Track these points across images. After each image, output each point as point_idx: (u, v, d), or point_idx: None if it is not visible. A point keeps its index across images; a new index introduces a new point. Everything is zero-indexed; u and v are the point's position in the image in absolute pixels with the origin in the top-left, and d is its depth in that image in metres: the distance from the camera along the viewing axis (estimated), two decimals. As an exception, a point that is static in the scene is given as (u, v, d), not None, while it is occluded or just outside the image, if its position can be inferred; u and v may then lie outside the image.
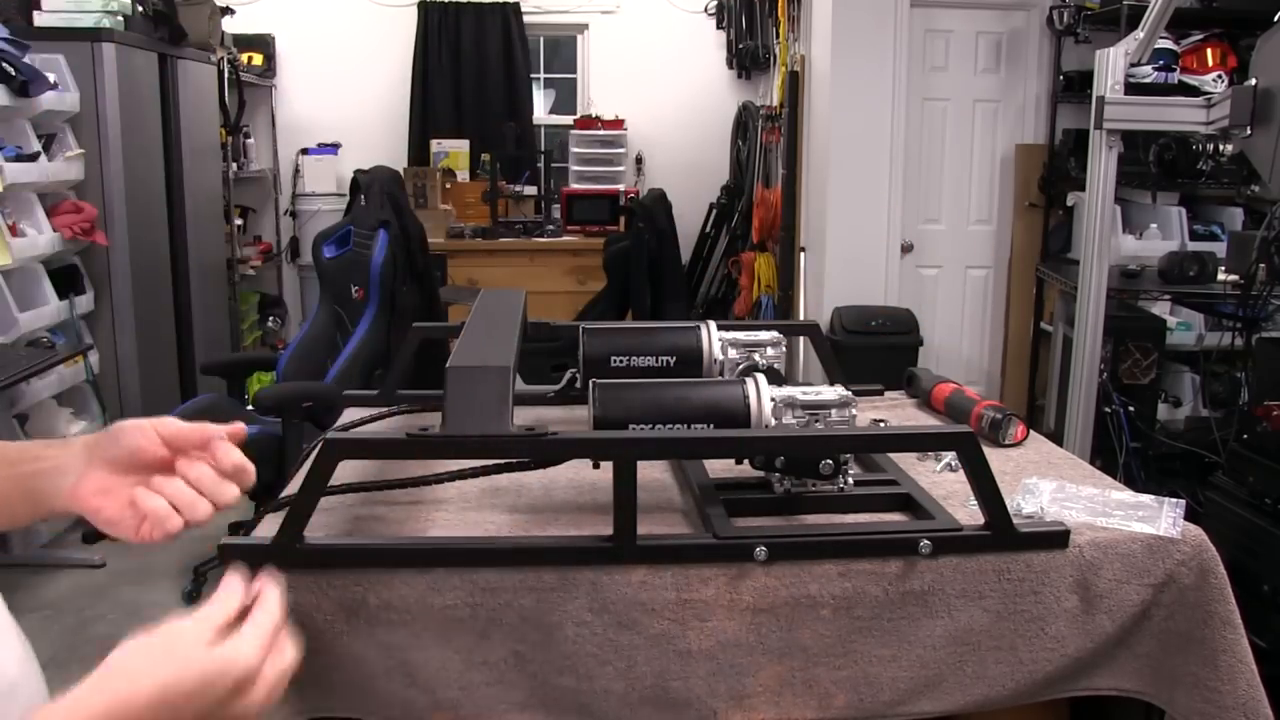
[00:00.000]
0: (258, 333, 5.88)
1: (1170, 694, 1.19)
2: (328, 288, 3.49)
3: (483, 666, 1.07)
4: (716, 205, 6.11)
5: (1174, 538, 1.18)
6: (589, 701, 1.09)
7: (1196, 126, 2.70)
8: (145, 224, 4.05)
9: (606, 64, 6.35)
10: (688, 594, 1.09)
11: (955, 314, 4.86)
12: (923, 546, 1.12)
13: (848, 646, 1.12)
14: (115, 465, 0.83)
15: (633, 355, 1.45)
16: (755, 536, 1.12)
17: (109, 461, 0.83)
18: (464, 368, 1.09)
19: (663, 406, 1.20)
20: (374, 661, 1.06)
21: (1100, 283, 2.82)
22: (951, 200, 4.76)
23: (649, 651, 1.08)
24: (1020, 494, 1.24)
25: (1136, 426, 3.45)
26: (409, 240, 3.45)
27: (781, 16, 5.06)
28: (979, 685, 1.15)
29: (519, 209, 6.15)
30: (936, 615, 1.13)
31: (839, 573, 1.11)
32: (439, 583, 1.07)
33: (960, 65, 4.63)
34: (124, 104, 3.80)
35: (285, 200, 6.27)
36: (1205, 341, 3.86)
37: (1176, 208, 4.29)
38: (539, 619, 1.07)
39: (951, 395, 1.62)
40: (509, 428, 1.06)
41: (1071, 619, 1.16)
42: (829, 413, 1.20)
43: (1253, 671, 1.16)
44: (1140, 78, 3.79)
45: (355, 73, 6.15)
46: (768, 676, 1.11)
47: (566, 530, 1.16)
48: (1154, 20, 2.63)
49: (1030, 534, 1.15)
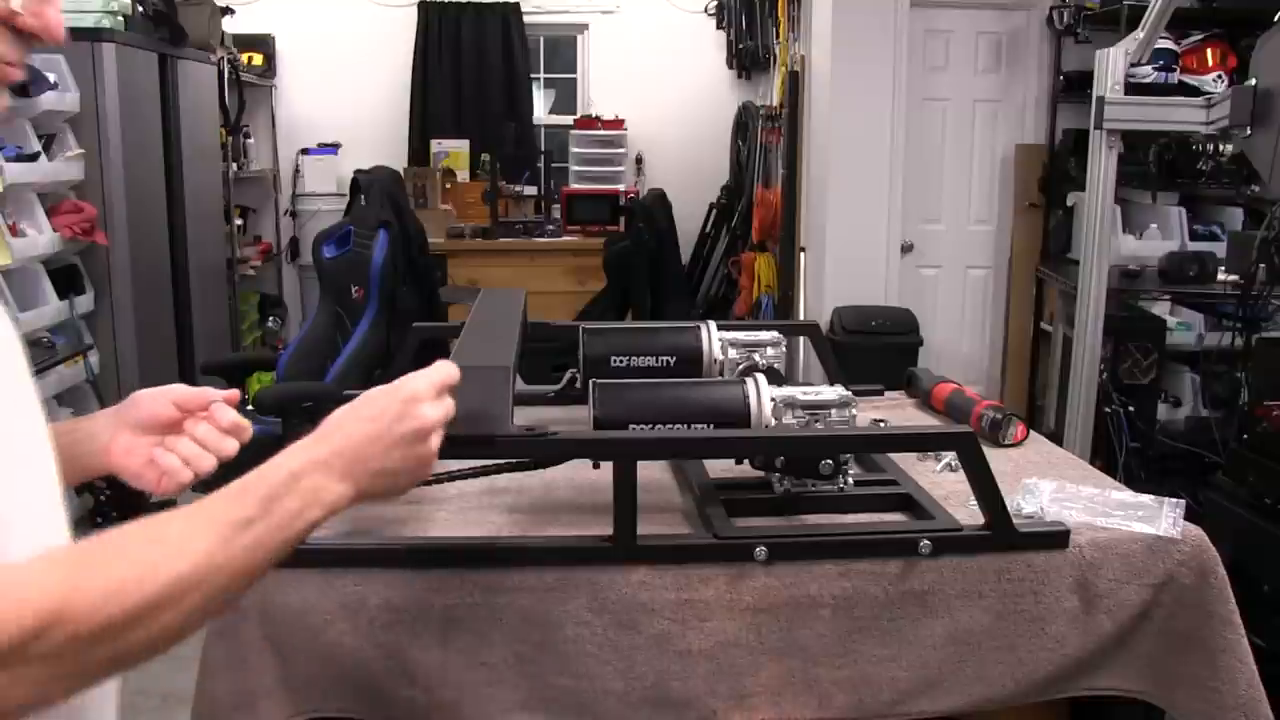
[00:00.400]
0: (258, 333, 5.88)
1: (1170, 694, 1.19)
2: (328, 288, 3.49)
3: (482, 666, 1.07)
4: (716, 205, 6.11)
5: (1174, 538, 1.18)
6: (589, 701, 1.09)
7: (1196, 126, 2.70)
8: (145, 224, 4.05)
9: (606, 64, 6.35)
10: (688, 594, 1.09)
11: (955, 314, 4.86)
12: (923, 546, 1.12)
13: (847, 646, 1.12)
14: (137, 428, 0.98)
15: (633, 355, 1.45)
16: (755, 536, 1.12)
17: (131, 425, 0.98)
18: (464, 367, 1.09)
19: (663, 406, 1.20)
20: (373, 661, 1.06)
21: (1100, 283, 2.82)
22: (951, 200, 4.75)
23: (649, 651, 1.08)
24: (1020, 494, 1.24)
25: (1136, 426, 3.45)
26: (409, 240, 3.46)
27: (781, 16, 5.06)
28: (979, 685, 1.15)
29: (519, 209, 6.15)
30: (936, 615, 1.13)
31: (839, 573, 1.11)
32: (439, 583, 1.07)
33: (960, 65, 4.63)
34: (124, 104, 3.80)
35: (285, 200, 6.27)
36: (1205, 341, 3.86)
37: (1176, 208, 4.29)
38: (539, 619, 1.07)
39: (951, 395, 1.62)
40: (509, 427, 1.06)
41: (1071, 619, 1.15)
42: (829, 413, 1.20)
43: (1253, 671, 1.16)
44: (1140, 78, 3.79)
45: (355, 73, 6.15)
46: (768, 676, 1.11)
47: (567, 530, 1.16)
48: (1154, 20, 2.63)
49: (1030, 534, 1.15)
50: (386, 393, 0.88)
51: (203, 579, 0.74)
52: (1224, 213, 4.43)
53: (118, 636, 0.70)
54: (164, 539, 0.76)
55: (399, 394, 0.88)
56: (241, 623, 1.04)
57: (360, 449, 0.85)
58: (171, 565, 0.74)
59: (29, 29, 0.80)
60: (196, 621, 0.76)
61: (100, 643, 0.69)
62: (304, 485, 0.81)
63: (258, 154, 5.95)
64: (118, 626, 0.69)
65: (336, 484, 0.83)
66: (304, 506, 0.81)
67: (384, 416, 0.86)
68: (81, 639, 0.67)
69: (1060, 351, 3.93)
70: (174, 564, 0.74)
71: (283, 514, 0.79)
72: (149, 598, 0.71)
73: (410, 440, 0.86)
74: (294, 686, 1.06)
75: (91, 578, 0.70)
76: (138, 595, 0.71)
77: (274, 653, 1.05)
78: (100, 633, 0.68)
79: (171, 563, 0.74)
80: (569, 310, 5.12)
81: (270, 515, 0.79)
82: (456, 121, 6.19)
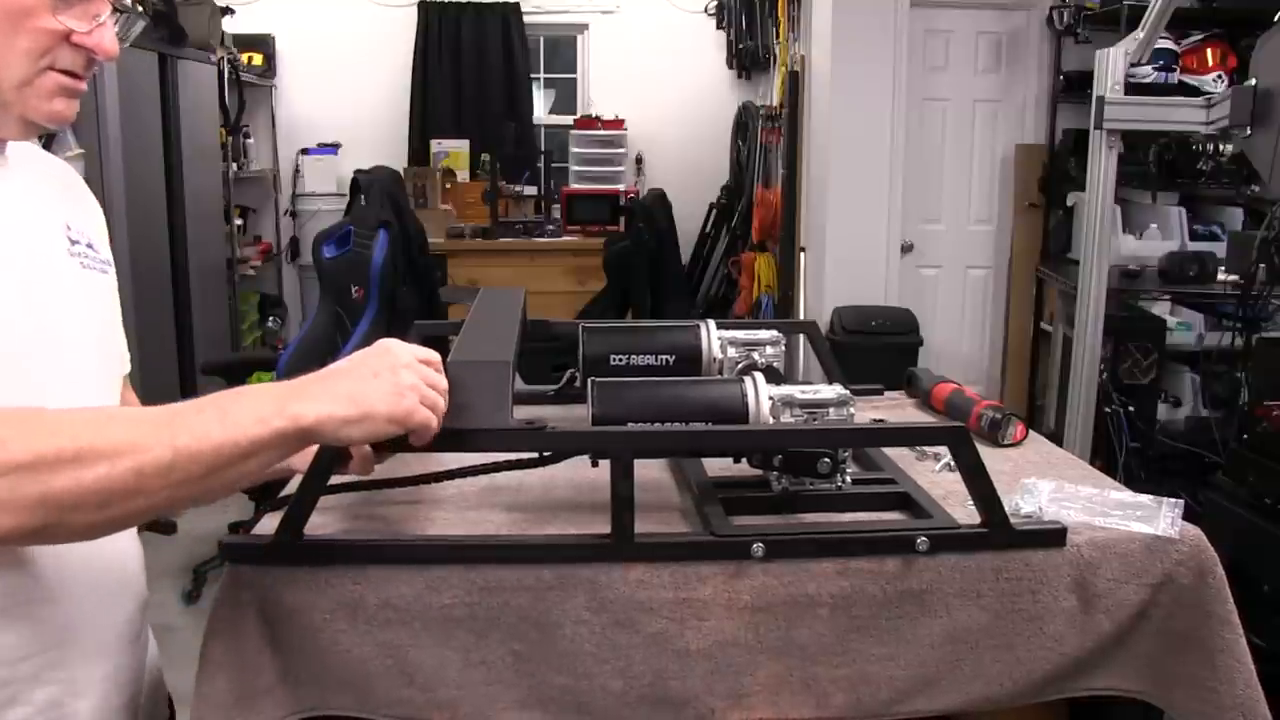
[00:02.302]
0: (258, 333, 5.89)
1: (1168, 694, 1.19)
2: (328, 288, 3.49)
3: (481, 665, 1.07)
4: (716, 205, 6.11)
5: (1173, 538, 1.17)
6: (587, 700, 1.09)
7: (1196, 126, 2.70)
8: (145, 224, 4.05)
9: (606, 64, 6.36)
10: (685, 592, 1.09)
11: (955, 314, 4.87)
12: (920, 544, 1.12)
13: (845, 645, 1.12)
14: None
15: (632, 354, 1.45)
16: (753, 534, 1.12)
17: None
18: (464, 362, 1.09)
19: (661, 404, 1.20)
20: (372, 660, 1.06)
21: (1100, 283, 2.83)
22: (951, 200, 4.76)
23: (647, 650, 1.08)
24: (1019, 493, 1.24)
25: (1136, 426, 3.46)
26: (409, 240, 3.46)
27: (781, 16, 5.07)
28: (977, 684, 1.15)
29: (519, 209, 6.16)
30: (934, 614, 1.13)
31: (837, 571, 1.11)
32: (438, 581, 1.07)
33: (960, 65, 4.64)
34: (124, 104, 3.80)
35: (285, 200, 6.28)
36: (1205, 341, 3.86)
37: (1176, 208, 4.29)
38: (537, 618, 1.07)
39: (951, 395, 1.62)
40: (509, 421, 1.06)
41: (1069, 618, 1.15)
42: (827, 411, 1.20)
43: (1251, 672, 1.16)
44: (1140, 78, 3.79)
45: (355, 73, 6.15)
46: (765, 675, 1.11)
47: (565, 529, 1.16)
48: (1154, 20, 2.63)
49: (1026, 532, 1.15)
50: (379, 353, 0.95)
51: (141, 447, 0.81)
52: (1224, 213, 4.44)
53: (47, 473, 0.77)
54: (115, 414, 0.89)
55: (375, 346, 0.95)
56: (240, 621, 1.04)
57: (328, 378, 0.91)
58: (113, 426, 0.83)
59: (85, 45, 0.92)
60: (132, 489, 0.82)
61: (30, 474, 0.77)
62: (262, 396, 0.87)
63: (258, 154, 5.96)
64: (48, 462, 0.77)
65: (298, 402, 0.87)
66: (263, 413, 0.85)
67: (357, 358, 0.94)
68: (11, 467, 0.76)
69: (1060, 351, 3.93)
70: (115, 426, 0.83)
71: (237, 413, 0.85)
72: (81, 444, 0.79)
73: (382, 368, 0.92)
74: (293, 685, 1.06)
75: (38, 418, 0.80)
76: (69, 439, 0.79)
77: (273, 651, 1.05)
78: (31, 464, 0.77)
79: (113, 425, 0.83)
80: (569, 310, 5.12)
81: (226, 413, 0.85)
82: (456, 121, 6.19)
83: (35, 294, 0.95)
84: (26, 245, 0.97)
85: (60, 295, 0.99)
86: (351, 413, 0.88)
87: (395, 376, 0.92)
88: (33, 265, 0.96)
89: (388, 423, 0.90)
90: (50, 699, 0.94)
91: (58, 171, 1.11)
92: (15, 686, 0.91)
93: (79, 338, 1.00)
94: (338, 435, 0.89)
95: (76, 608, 0.96)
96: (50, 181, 1.07)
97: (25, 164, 1.03)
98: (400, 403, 0.91)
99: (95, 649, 0.99)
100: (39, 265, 0.97)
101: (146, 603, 1.11)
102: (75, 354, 0.99)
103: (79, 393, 0.98)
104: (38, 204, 1.02)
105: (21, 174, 1.01)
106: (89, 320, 1.03)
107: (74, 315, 1.00)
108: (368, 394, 0.89)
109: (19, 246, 0.96)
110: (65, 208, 1.06)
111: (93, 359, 1.03)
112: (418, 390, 0.92)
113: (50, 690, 0.94)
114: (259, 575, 1.05)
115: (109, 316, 1.08)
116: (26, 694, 0.92)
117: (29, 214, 1.00)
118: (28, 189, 1.01)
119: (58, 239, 1.02)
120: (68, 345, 0.98)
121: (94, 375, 1.03)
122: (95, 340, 1.04)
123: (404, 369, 0.93)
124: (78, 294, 1.01)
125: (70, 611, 0.95)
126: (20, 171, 1.00)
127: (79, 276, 1.02)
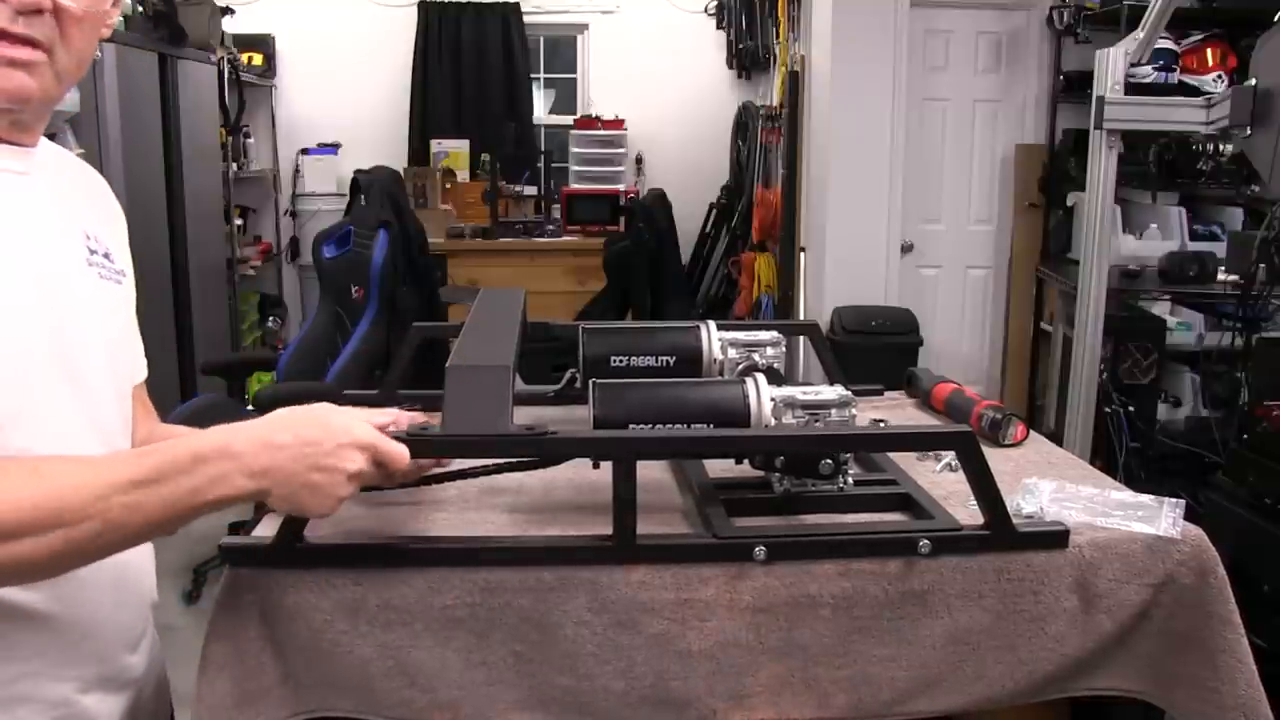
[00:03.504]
0: (258, 333, 5.88)
1: (1170, 694, 1.19)
2: (328, 288, 3.49)
3: (482, 666, 1.07)
4: (716, 205, 6.11)
5: (1174, 538, 1.17)
6: (588, 701, 1.09)
7: (1196, 126, 2.70)
8: (145, 224, 4.05)
9: (606, 64, 6.36)
10: (687, 594, 1.09)
11: (955, 314, 4.86)
12: (922, 546, 1.12)
13: (847, 646, 1.12)
14: None
15: (632, 355, 1.45)
16: (755, 536, 1.12)
17: None
18: (464, 367, 1.09)
19: (662, 406, 1.20)
20: (373, 661, 1.06)
21: (1100, 283, 2.82)
22: (951, 200, 4.76)
23: (648, 651, 1.08)
24: (1020, 494, 1.24)
25: (1136, 426, 3.46)
26: (409, 240, 3.46)
27: (781, 16, 5.07)
28: (978, 685, 1.15)
29: (519, 209, 6.16)
30: (936, 615, 1.13)
31: (838, 572, 1.11)
32: (439, 582, 1.07)
33: (960, 65, 4.64)
34: (124, 104, 3.80)
35: (285, 200, 6.27)
36: (1205, 341, 3.86)
37: (1176, 208, 4.29)
38: (538, 619, 1.07)
39: (951, 395, 1.62)
40: (509, 427, 1.06)
41: (1071, 619, 1.15)
42: (829, 412, 1.20)
43: (1252, 672, 1.16)
44: (1140, 78, 3.79)
45: (355, 73, 6.15)
46: (767, 676, 1.11)
47: (566, 530, 1.16)
48: (1154, 20, 2.63)
49: (1029, 534, 1.15)
50: (329, 428, 0.92)
51: (70, 520, 0.81)
52: (1224, 213, 4.43)
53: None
54: (48, 475, 0.83)
55: (341, 435, 0.92)
56: (241, 622, 1.04)
57: (283, 463, 0.89)
58: (42, 498, 0.81)
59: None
60: (58, 557, 0.82)
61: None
62: (208, 470, 0.86)
63: (258, 154, 5.95)
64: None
65: (244, 479, 0.87)
66: (201, 487, 0.86)
67: (318, 446, 0.90)
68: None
69: (1060, 351, 3.93)
70: (45, 497, 0.81)
71: (174, 488, 0.85)
72: (7, 518, 0.78)
73: (329, 474, 0.91)
74: (294, 686, 1.06)
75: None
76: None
77: (274, 652, 1.05)
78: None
79: (43, 496, 0.81)
80: (569, 310, 5.12)
81: (160, 485, 0.84)
82: (456, 121, 6.19)
83: (52, 304, 0.95)
84: (48, 255, 0.96)
85: (76, 305, 0.98)
86: (284, 501, 0.91)
87: (338, 487, 0.92)
88: (52, 275, 0.96)
89: (312, 513, 0.95)
90: (60, 697, 0.94)
91: (85, 178, 1.10)
92: (25, 684, 0.91)
93: (90, 348, 1.00)
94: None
95: (87, 608, 0.96)
96: (76, 189, 1.06)
97: (53, 170, 1.01)
98: (328, 506, 0.92)
99: (105, 648, 0.99)
100: (58, 274, 0.97)
101: (155, 603, 1.11)
102: (85, 364, 0.99)
103: (86, 403, 0.98)
104: (62, 212, 1.01)
105: (48, 181, 0.99)
106: (102, 331, 1.02)
107: (88, 325, 1.00)
108: (305, 498, 0.91)
109: (40, 256, 0.95)
110: (88, 216, 1.06)
111: (103, 369, 1.03)
112: (359, 474, 0.93)
113: (60, 688, 0.94)
114: (260, 577, 1.05)
115: (122, 326, 1.08)
116: (37, 692, 0.92)
117: (52, 222, 0.99)
118: (53, 197, 1.00)
119: (78, 248, 1.01)
120: (79, 355, 0.98)
121: (103, 386, 1.02)
122: (106, 350, 1.03)
123: (349, 481, 0.92)
124: (93, 304, 1.01)
125: (81, 611, 0.96)
126: (47, 178, 0.99)
127: (96, 287, 1.02)
